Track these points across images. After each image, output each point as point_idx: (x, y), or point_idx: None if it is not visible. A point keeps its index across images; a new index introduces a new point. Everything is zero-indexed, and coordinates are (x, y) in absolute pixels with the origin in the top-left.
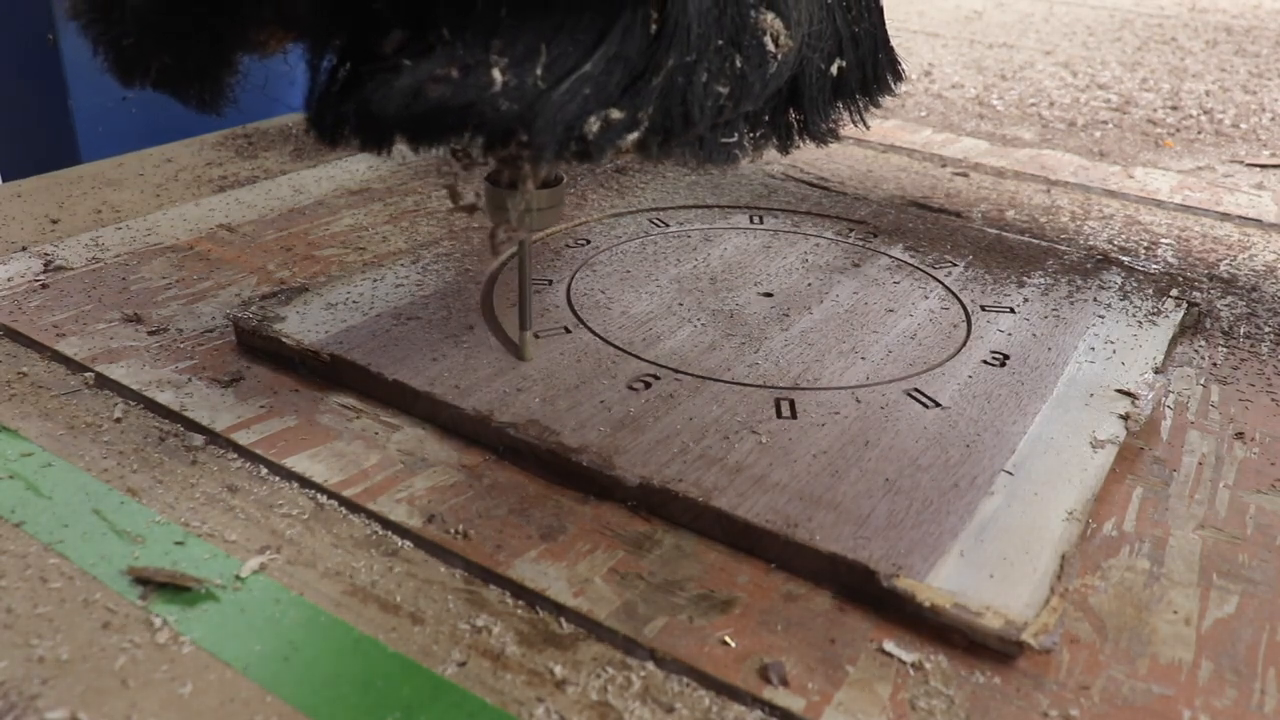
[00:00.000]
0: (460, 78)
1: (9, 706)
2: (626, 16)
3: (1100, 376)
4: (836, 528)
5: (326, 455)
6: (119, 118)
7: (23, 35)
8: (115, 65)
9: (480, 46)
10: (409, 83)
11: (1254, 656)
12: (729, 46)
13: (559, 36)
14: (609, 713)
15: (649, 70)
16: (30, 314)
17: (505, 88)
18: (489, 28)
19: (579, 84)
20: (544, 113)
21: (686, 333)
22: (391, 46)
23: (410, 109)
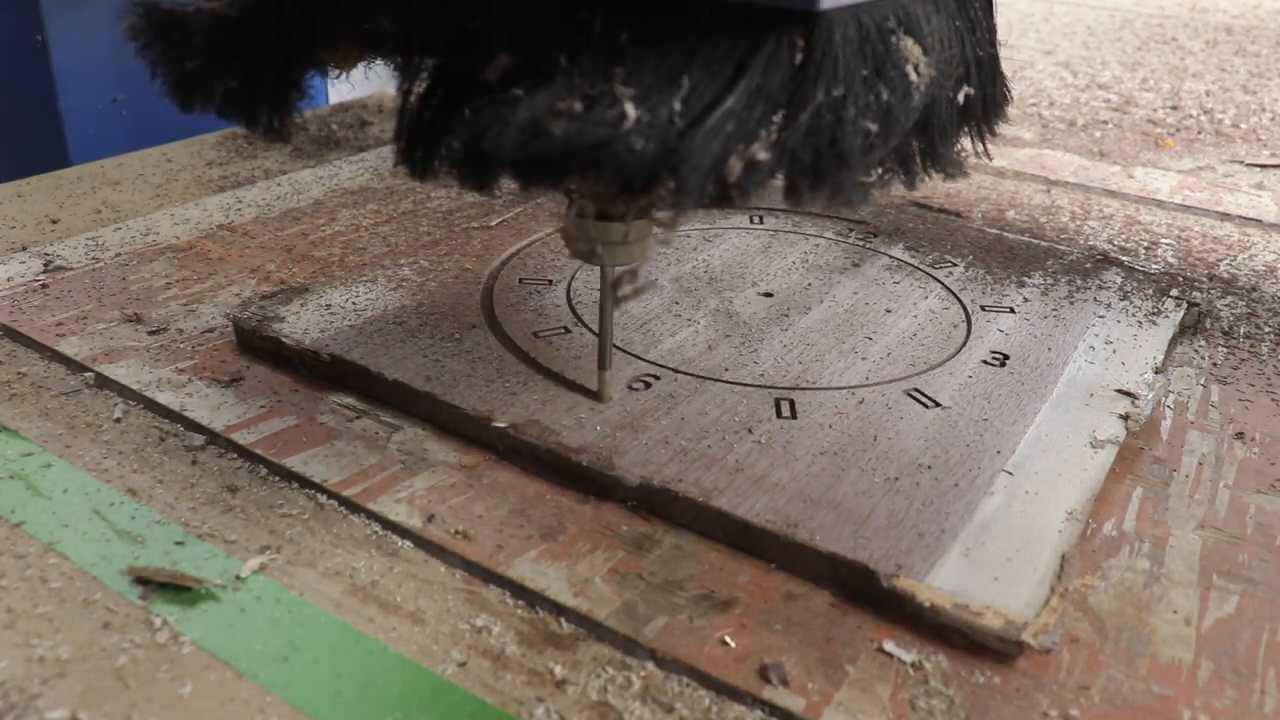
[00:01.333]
0: (584, 111)
1: (9, 706)
2: (769, 45)
3: (1100, 376)
4: (836, 528)
5: (326, 455)
6: (109, 119)
7: (11, 37)
8: (175, 88)
9: (600, 75)
10: (526, 117)
11: (1254, 656)
12: (874, 77)
13: (692, 66)
14: (609, 713)
15: (795, 105)
16: (30, 314)
17: (639, 124)
18: (609, 53)
19: (722, 120)
20: (689, 154)
21: (686, 333)
22: (495, 73)
23: (529, 148)
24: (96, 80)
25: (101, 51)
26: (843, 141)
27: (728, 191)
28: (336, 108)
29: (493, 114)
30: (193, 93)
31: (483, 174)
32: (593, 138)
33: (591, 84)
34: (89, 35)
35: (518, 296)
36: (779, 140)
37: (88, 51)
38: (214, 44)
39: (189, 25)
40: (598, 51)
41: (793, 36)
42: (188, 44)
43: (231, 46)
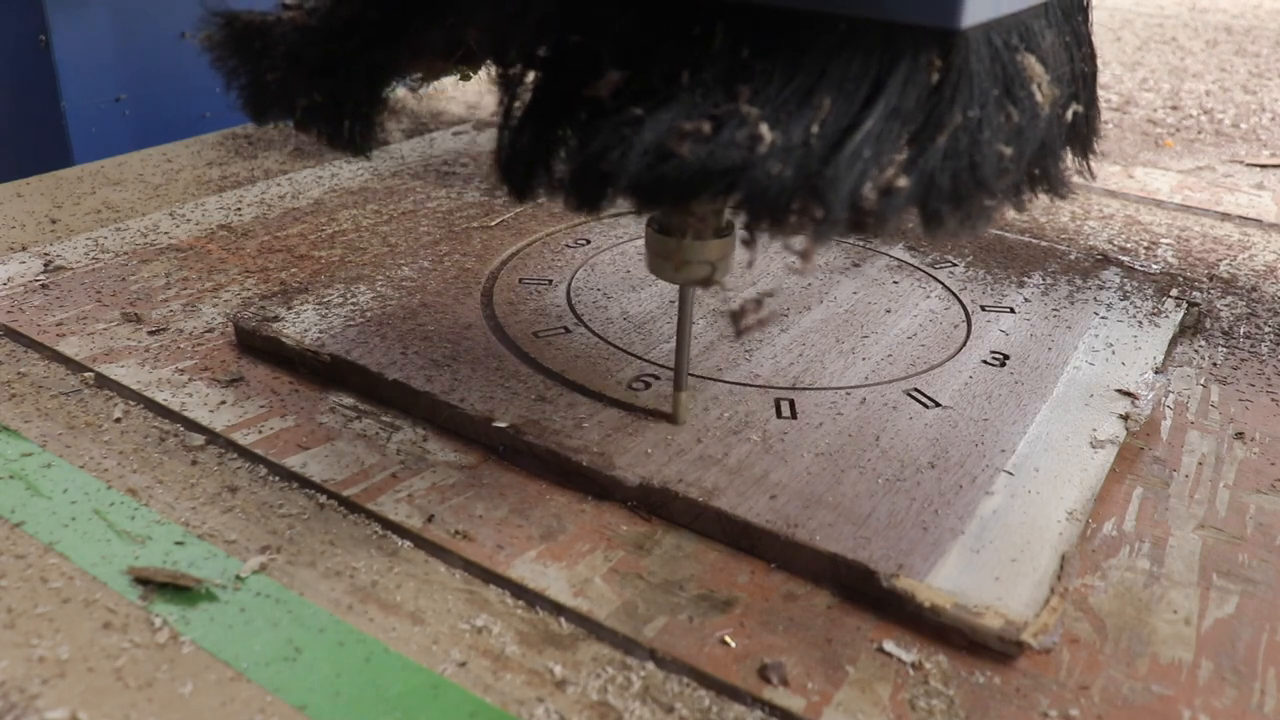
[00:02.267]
0: (713, 134)
1: (9, 706)
2: (906, 64)
3: (1100, 376)
4: (836, 528)
5: (326, 455)
6: (112, 119)
7: (15, 37)
8: (253, 100)
9: (722, 93)
10: (651, 139)
11: (1254, 656)
12: (1004, 97)
13: (822, 85)
14: (609, 713)
15: (931, 127)
16: (30, 314)
17: (775, 148)
18: (731, 70)
19: (863, 144)
20: (836, 180)
21: None
22: (607, 90)
23: (656, 171)
24: (99, 80)
25: (104, 51)
26: (982, 165)
27: (864, 219)
28: None
29: (612, 134)
30: (271, 105)
31: (598, 196)
32: (727, 162)
33: (715, 103)
34: (92, 35)
35: (518, 296)
36: (916, 165)
37: (90, 51)
38: (298, 56)
39: (271, 36)
40: (718, 68)
41: (930, 55)
42: (269, 55)
43: (317, 59)
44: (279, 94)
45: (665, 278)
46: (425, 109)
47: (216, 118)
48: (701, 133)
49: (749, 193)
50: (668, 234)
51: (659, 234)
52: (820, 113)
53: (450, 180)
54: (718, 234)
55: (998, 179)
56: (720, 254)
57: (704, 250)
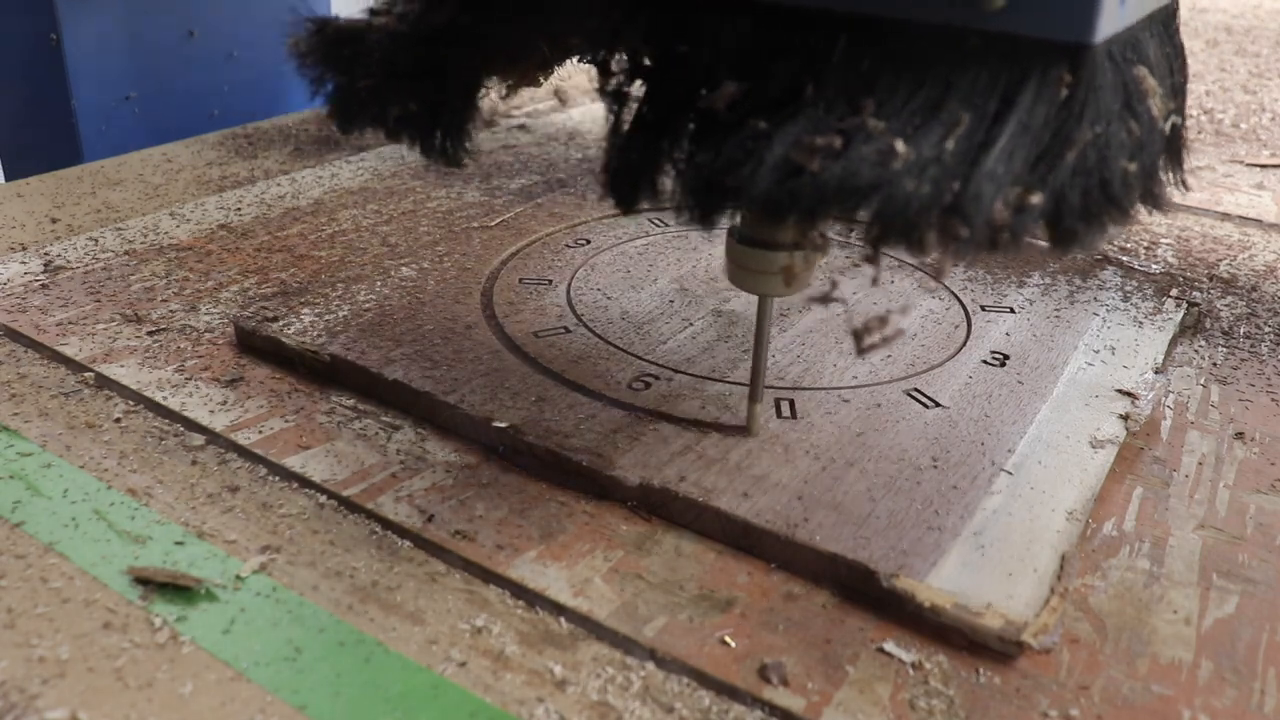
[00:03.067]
0: (844, 149)
1: (9, 706)
2: (1035, 79)
3: (1100, 376)
4: (837, 528)
5: (326, 455)
6: (122, 117)
7: (26, 35)
8: (342, 108)
9: (845, 106)
10: (781, 154)
11: (1254, 656)
12: (1125, 111)
13: (950, 99)
14: (609, 713)
15: (1060, 143)
16: (30, 314)
17: (909, 163)
18: (853, 83)
19: (998, 160)
20: (978, 196)
21: (686, 333)
22: (723, 102)
23: (786, 186)
24: (109, 78)
25: (114, 50)
26: (1111, 181)
27: (997, 236)
28: None
29: (737, 148)
30: (361, 113)
31: (719, 209)
32: (861, 178)
33: (839, 116)
34: (102, 34)
35: (518, 296)
36: (1047, 181)
37: (100, 50)
38: (392, 63)
39: (363, 43)
40: (840, 80)
41: (1060, 70)
42: (362, 63)
43: (412, 65)
44: (369, 102)
45: (758, 291)
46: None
47: (224, 116)
48: (832, 148)
49: (885, 209)
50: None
51: (762, 249)
52: (954, 127)
53: (450, 180)
54: (741, 240)
55: (1125, 194)
56: (762, 265)
57: (752, 257)
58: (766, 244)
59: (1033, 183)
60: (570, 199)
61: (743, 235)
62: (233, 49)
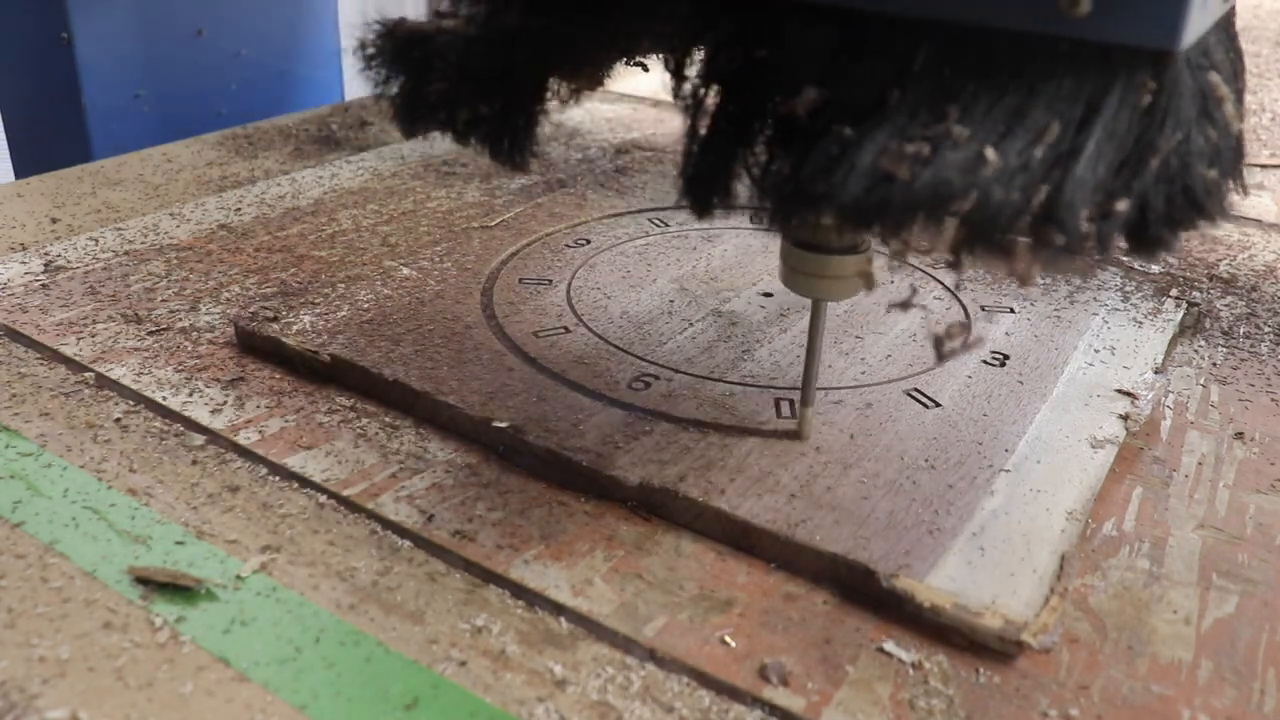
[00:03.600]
0: (932, 156)
1: (9, 706)
2: (1120, 86)
3: (1100, 376)
4: (836, 528)
5: (326, 455)
6: (131, 115)
7: (37, 34)
8: (409, 110)
9: (928, 114)
10: (870, 162)
11: (1254, 656)
12: (1202, 118)
13: (1033, 106)
14: (609, 713)
15: (1143, 150)
16: (30, 314)
17: (999, 171)
18: (935, 90)
19: (1086, 168)
20: (1071, 203)
21: (686, 333)
22: (805, 109)
23: (876, 194)
24: (119, 76)
25: (124, 48)
26: (1194, 188)
27: (1083, 242)
28: (336, 108)
29: (825, 155)
30: (429, 116)
31: (800, 215)
32: (956, 185)
33: (923, 124)
34: (113, 32)
35: (518, 296)
36: (1132, 188)
37: (111, 48)
38: (465, 66)
39: (434, 46)
40: (922, 87)
41: (1144, 77)
42: (433, 65)
43: (485, 69)
44: (438, 105)
45: (813, 295)
46: None
47: (232, 114)
48: (921, 155)
49: (975, 217)
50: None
51: (818, 253)
52: (1042, 135)
53: (450, 180)
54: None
55: (1209, 200)
56: (798, 266)
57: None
58: (823, 249)
59: (1117, 190)
60: (570, 199)
61: (799, 239)
62: (240, 48)
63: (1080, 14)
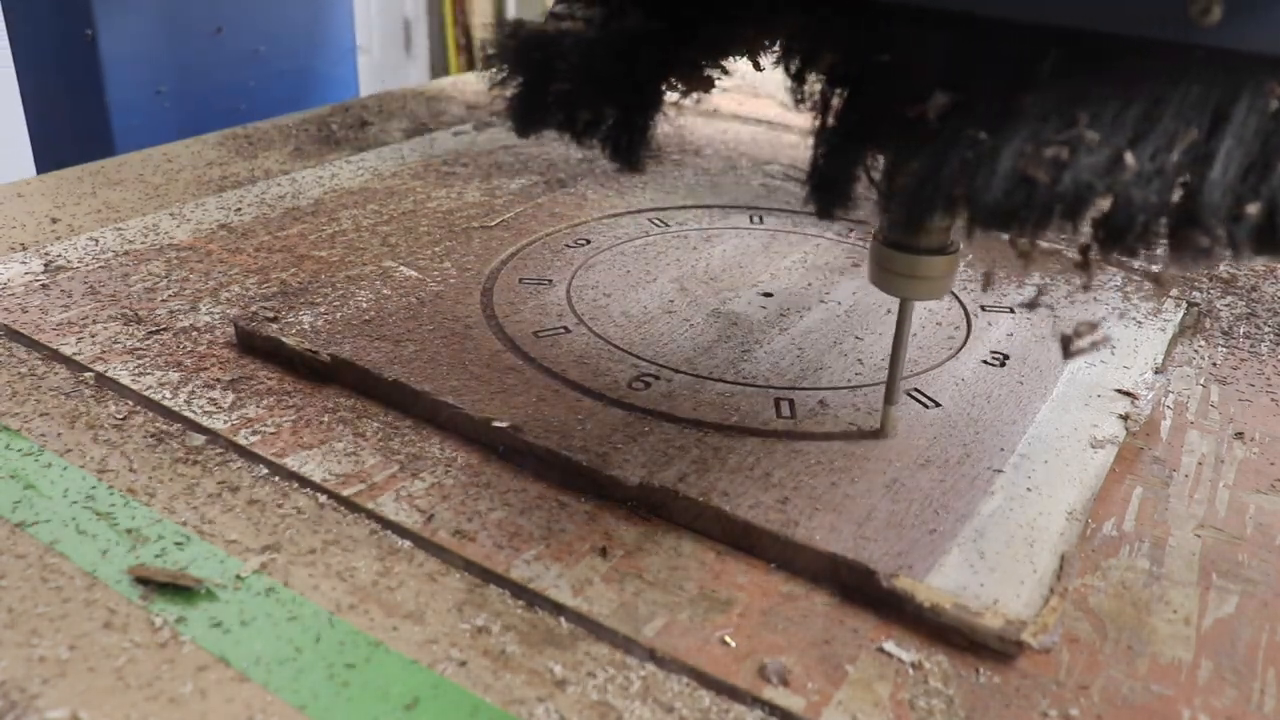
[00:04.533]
0: (1071, 160)
1: (9, 706)
2: (1249, 92)
3: (1100, 376)
4: (836, 528)
5: (326, 455)
6: (153, 111)
7: (62, 31)
8: (524, 112)
9: (1059, 120)
10: (1009, 166)
11: (1254, 656)
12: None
13: (1162, 113)
14: (609, 713)
15: (1268, 153)
16: (30, 314)
17: (1138, 175)
18: (1064, 96)
19: (1220, 172)
20: (1213, 206)
21: (686, 333)
22: (935, 112)
23: (1018, 196)
24: (142, 73)
25: (147, 45)
26: None
27: (1218, 244)
28: (336, 108)
29: (961, 158)
30: (547, 117)
31: (932, 217)
32: (1096, 188)
33: (1055, 128)
34: (135, 29)
35: (518, 296)
36: (1259, 191)
37: (134, 45)
38: (590, 69)
39: (556, 48)
40: (1052, 94)
41: (1272, 81)
42: (555, 67)
43: (609, 73)
44: (557, 106)
45: (901, 294)
46: (426, 109)
47: (251, 110)
48: (1060, 159)
49: (1116, 219)
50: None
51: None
52: (1176, 139)
53: (450, 180)
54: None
55: None
56: (911, 270)
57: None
58: (914, 249)
59: (1245, 194)
60: (570, 199)
61: (889, 240)
62: (258, 45)
63: (1211, 22)
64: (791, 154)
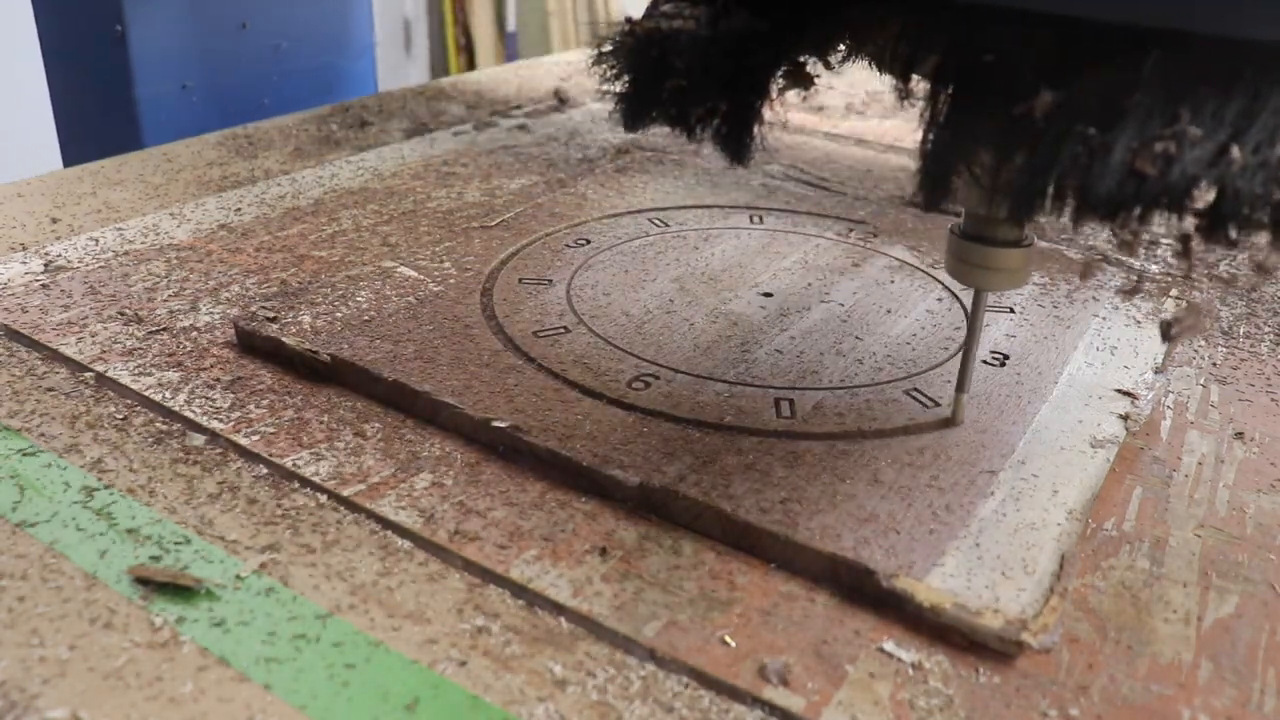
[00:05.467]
0: (1179, 154)
1: (9, 706)
2: None
3: (1100, 376)
4: (836, 528)
5: (326, 455)
6: (179, 106)
7: (93, 27)
8: (635, 106)
9: (1162, 116)
10: (1120, 160)
11: (1254, 656)
12: None
13: (1261, 109)
14: (609, 713)
15: None
16: (30, 314)
17: (1244, 168)
18: (1164, 94)
19: None
20: None
21: (686, 332)
22: (1041, 110)
23: (1128, 188)
24: (168, 68)
25: (174, 40)
26: None
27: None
28: (336, 108)
29: (1073, 155)
30: (660, 112)
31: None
32: (1205, 180)
33: (1159, 125)
34: (163, 25)
35: (518, 296)
36: None
37: (162, 41)
38: (706, 66)
39: (671, 45)
40: (1154, 91)
41: None
42: (670, 64)
43: (724, 70)
44: (671, 101)
45: (979, 285)
46: (426, 109)
47: (274, 104)
48: (1169, 153)
49: (1222, 209)
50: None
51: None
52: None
53: (450, 180)
54: (964, 235)
55: None
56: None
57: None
58: (992, 241)
59: None
60: (570, 199)
61: (967, 233)
62: (281, 41)
63: None
64: (791, 154)
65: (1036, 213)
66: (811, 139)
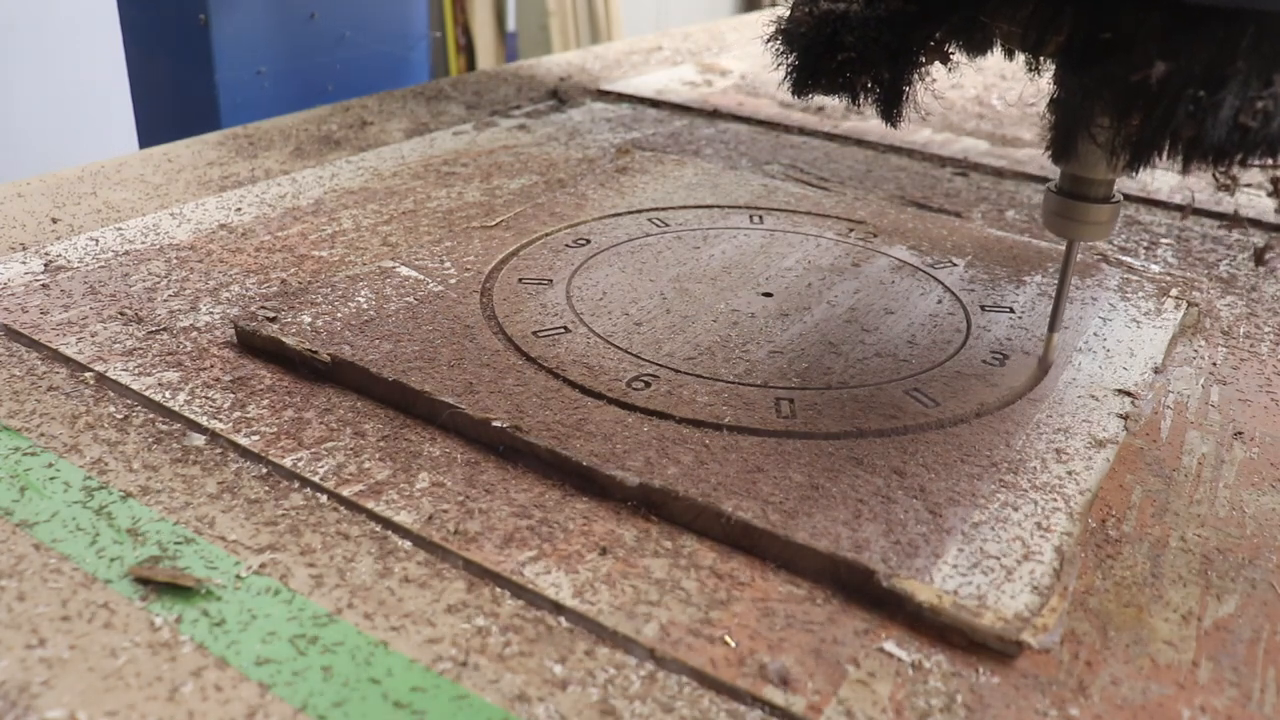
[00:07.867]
0: (1275, 110)
1: (9, 706)
2: None
3: (1100, 376)
4: (836, 528)
5: (326, 455)
6: (254, 89)
7: (178, 15)
8: (807, 75)
9: (1259, 80)
10: (1229, 115)
11: (1254, 656)
12: None
13: None
14: (609, 713)
15: None
16: (30, 314)
17: None
18: (1259, 62)
19: None
20: None
21: (686, 332)
22: (1156, 78)
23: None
24: (246, 54)
25: (251, 28)
26: None
27: None
28: (336, 107)
29: (1187, 112)
30: (830, 82)
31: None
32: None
33: (1258, 88)
34: (242, 14)
35: (518, 296)
36: None
37: (241, 29)
38: (876, 40)
39: (846, 21)
40: (1250, 60)
41: None
42: (842, 40)
43: (892, 45)
44: (839, 72)
45: (1074, 236)
46: (426, 109)
47: (339, 90)
48: (1268, 110)
49: None
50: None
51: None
52: None
53: (450, 180)
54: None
55: None
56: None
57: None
58: (1085, 198)
59: None
60: (570, 199)
61: (1064, 190)
62: (346, 30)
63: None
64: (791, 154)
65: (1152, 163)
66: (811, 139)
